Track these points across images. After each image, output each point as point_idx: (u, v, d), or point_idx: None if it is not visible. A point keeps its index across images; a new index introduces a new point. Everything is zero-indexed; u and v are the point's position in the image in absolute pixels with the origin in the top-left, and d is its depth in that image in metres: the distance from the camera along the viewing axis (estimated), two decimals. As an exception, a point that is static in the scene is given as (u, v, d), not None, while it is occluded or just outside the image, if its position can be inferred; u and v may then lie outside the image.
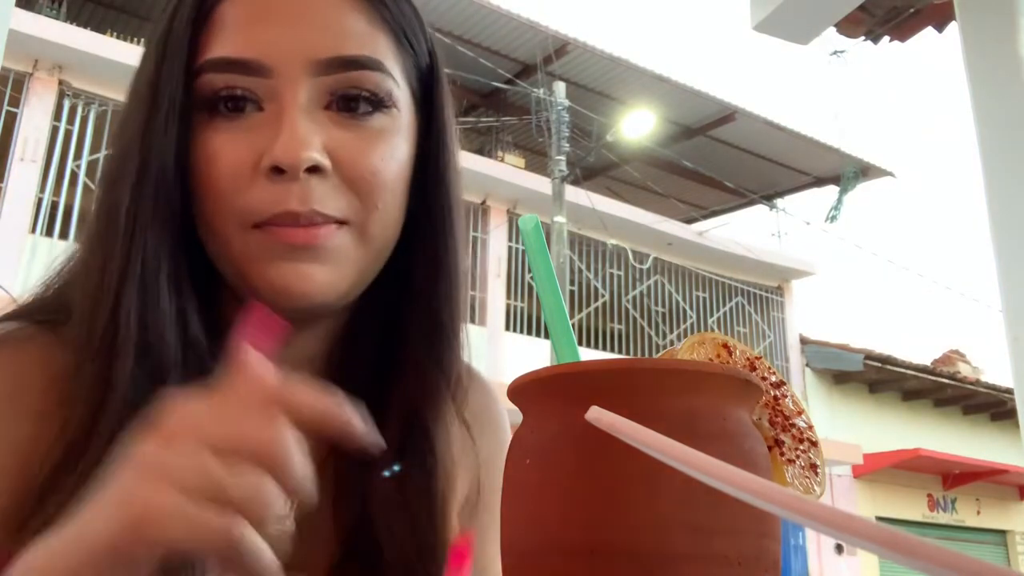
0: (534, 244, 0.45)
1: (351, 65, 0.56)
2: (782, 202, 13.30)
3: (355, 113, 0.57)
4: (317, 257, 0.55)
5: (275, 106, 0.55)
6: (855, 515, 0.20)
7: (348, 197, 0.56)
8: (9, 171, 7.50)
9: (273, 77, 0.55)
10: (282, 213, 0.54)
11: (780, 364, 11.95)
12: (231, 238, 0.56)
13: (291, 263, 0.55)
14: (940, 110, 66.32)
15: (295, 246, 0.55)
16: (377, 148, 0.57)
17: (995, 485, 13.08)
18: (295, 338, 0.62)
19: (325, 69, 0.56)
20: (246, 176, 0.54)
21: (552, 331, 0.44)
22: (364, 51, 0.57)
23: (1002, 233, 1.74)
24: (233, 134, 0.55)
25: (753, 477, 0.23)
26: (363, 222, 0.57)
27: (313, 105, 0.56)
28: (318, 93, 0.56)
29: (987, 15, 1.88)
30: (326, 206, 0.55)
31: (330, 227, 0.55)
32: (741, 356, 0.46)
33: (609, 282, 11.06)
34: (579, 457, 0.35)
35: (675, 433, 0.28)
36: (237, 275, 0.57)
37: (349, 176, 0.56)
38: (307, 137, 0.54)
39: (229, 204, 0.55)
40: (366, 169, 0.56)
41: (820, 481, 0.44)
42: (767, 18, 2.12)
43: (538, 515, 0.36)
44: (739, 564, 0.34)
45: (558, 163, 9.29)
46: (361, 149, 0.56)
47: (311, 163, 0.53)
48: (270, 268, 0.55)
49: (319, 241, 0.55)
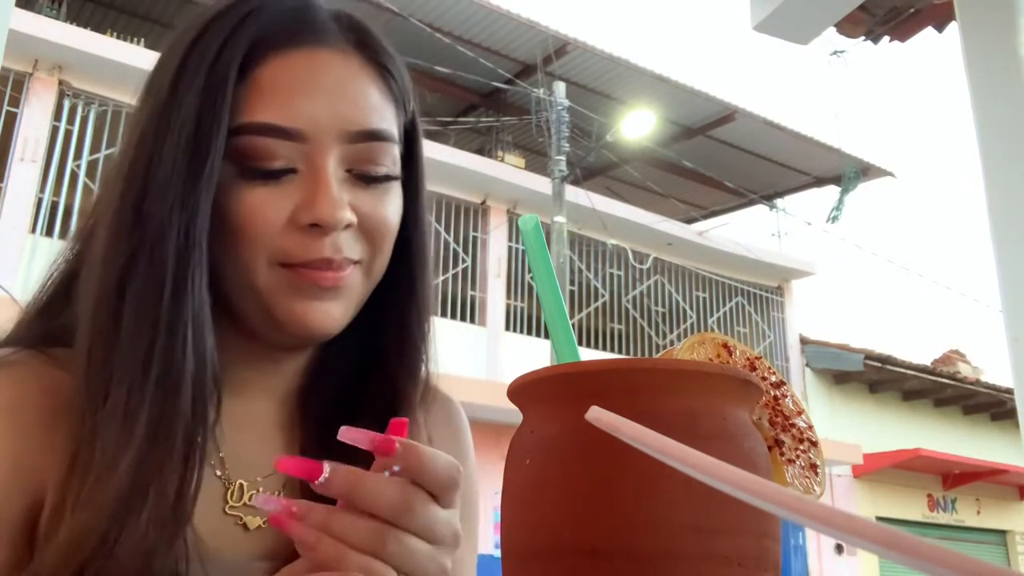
0: (534, 244, 0.45)
1: (373, 136, 0.65)
2: (782, 202, 13.31)
3: (371, 181, 0.66)
4: (337, 296, 0.64)
5: (308, 169, 0.62)
6: (855, 515, 0.20)
7: (363, 244, 0.65)
8: (9, 171, 7.51)
9: (308, 143, 0.62)
10: (318, 260, 0.62)
11: (780, 364, 11.95)
12: (258, 272, 0.62)
13: (316, 301, 0.63)
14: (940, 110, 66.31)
15: (323, 287, 0.63)
16: (387, 206, 0.66)
17: (995, 485, 13.08)
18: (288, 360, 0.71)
19: (353, 139, 0.64)
20: (280, 227, 0.62)
21: (552, 331, 0.44)
22: (382, 124, 0.66)
23: (1002, 233, 1.74)
24: (269, 191, 0.62)
25: (753, 477, 0.23)
26: (370, 263, 0.66)
27: (339, 169, 0.64)
28: (344, 158, 0.64)
29: (987, 15, 1.88)
30: (351, 252, 0.64)
31: (349, 269, 0.64)
32: (741, 356, 0.46)
33: (609, 282, 11.06)
34: (579, 457, 0.35)
35: (675, 433, 0.28)
36: (256, 306, 0.63)
37: (366, 228, 0.65)
38: (341, 199, 0.62)
39: (263, 245, 0.62)
40: (382, 224, 0.66)
41: (820, 481, 0.44)
42: (767, 18, 2.12)
43: (538, 515, 0.36)
44: (739, 564, 0.34)
45: (558, 163, 9.30)
46: (376, 207, 0.65)
47: (347, 223, 0.62)
48: (296, 304, 0.63)
49: (343, 284, 0.64)
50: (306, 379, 0.73)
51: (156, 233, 0.60)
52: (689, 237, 11.58)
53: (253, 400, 0.70)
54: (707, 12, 57.34)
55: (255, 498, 0.58)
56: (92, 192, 7.63)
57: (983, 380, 12.95)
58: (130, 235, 0.60)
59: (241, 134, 0.61)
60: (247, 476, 0.67)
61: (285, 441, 0.70)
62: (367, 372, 0.72)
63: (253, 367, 0.69)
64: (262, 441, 0.70)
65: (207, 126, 0.61)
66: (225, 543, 0.63)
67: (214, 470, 0.65)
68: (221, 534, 0.63)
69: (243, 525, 0.65)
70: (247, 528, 0.65)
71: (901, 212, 59.76)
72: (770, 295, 12.60)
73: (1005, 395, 12.33)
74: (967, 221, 61.68)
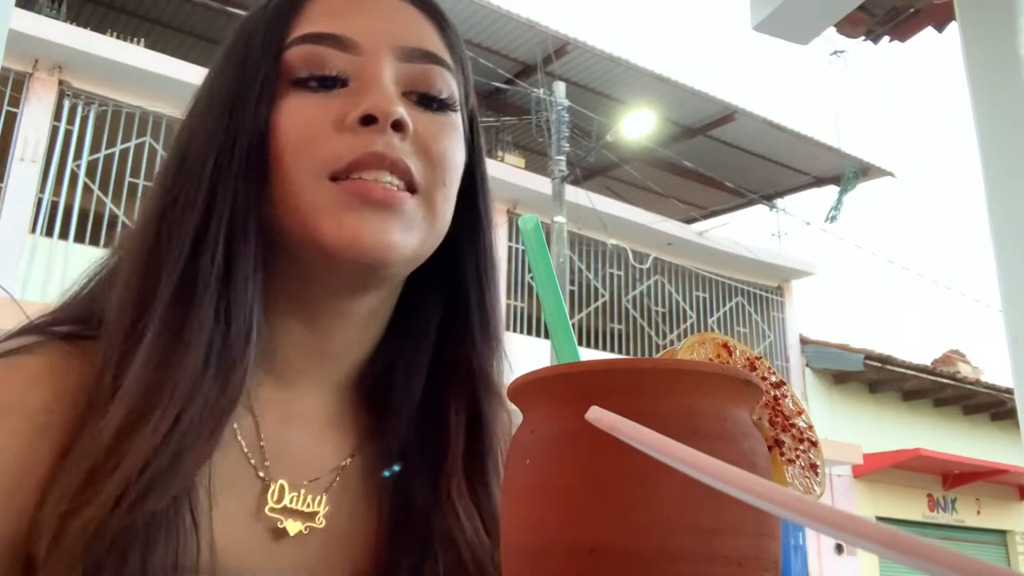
0: (534, 244, 0.45)
1: (430, 58, 0.60)
2: (782, 202, 13.30)
3: (429, 104, 0.60)
4: (391, 217, 0.56)
5: (360, 81, 0.58)
6: (855, 515, 0.20)
7: (422, 164, 0.58)
8: (9, 171, 7.50)
9: (361, 54, 0.58)
10: (368, 155, 0.55)
11: (780, 364, 11.95)
12: (304, 188, 0.56)
13: (369, 216, 0.55)
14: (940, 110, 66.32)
15: (373, 201, 0.55)
16: (448, 135, 0.61)
17: (995, 485, 13.08)
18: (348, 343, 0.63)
19: (409, 56, 0.59)
20: (330, 131, 0.56)
21: (552, 331, 0.44)
22: (440, 51, 0.62)
23: (1002, 233, 1.74)
24: (320, 100, 0.57)
25: (753, 477, 0.23)
26: (431, 193, 0.59)
27: (394, 87, 0.59)
28: (399, 77, 0.59)
29: (987, 15, 1.87)
30: (408, 159, 0.57)
31: (404, 194, 0.57)
32: (741, 356, 0.46)
33: (609, 282, 11.05)
34: (579, 457, 0.35)
35: (675, 433, 0.28)
36: (306, 227, 0.56)
37: (424, 148, 0.59)
38: (396, 98, 0.57)
39: (310, 154, 0.56)
40: (439, 145, 0.59)
41: (820, 481, 0.44)
42: (767, 18, 2.12)
43: (538, 515, 0.36)
44: (739, 564, 0.34)
45: (558, 163, 9.29)
46: (435, 131, 0.60)
47: (399, 116, 0.56)
48: (345, 218, 0.55)
49: (395, 203, 0.56)
50: (367, 369, 0.65)
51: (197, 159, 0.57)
52: (689, 237, 11.58)
53: (305, 392, 0.63)
54: (707, 12, 57.35)
55: None
56: (92, 192, 7.65)
57: (983, 380, 12.95)
58: (175, 176, 0.58)
59: (295, 45, 0.58)
60: (291, 476, 0.60)
61: (338, 439, 0.64)
62: (441, 359, 0.65)
63: (306, 352, 0.62)
64: (312, 438, 0.62)
65: (256, 45, 0.59)
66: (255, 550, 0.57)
67: (256, 470, 0.59)
68: (252, 539, 0.57)
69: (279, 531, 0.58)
70: (287, 534, 0.58)
71: (901, 212, 59.77)
72: (770, 295, 12.60)
73: (1005, 395, 12.33)
74: (967, 221, 61.67)
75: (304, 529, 0.59)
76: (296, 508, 0.59)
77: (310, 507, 0.60)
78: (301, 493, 0.60)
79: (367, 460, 0.64)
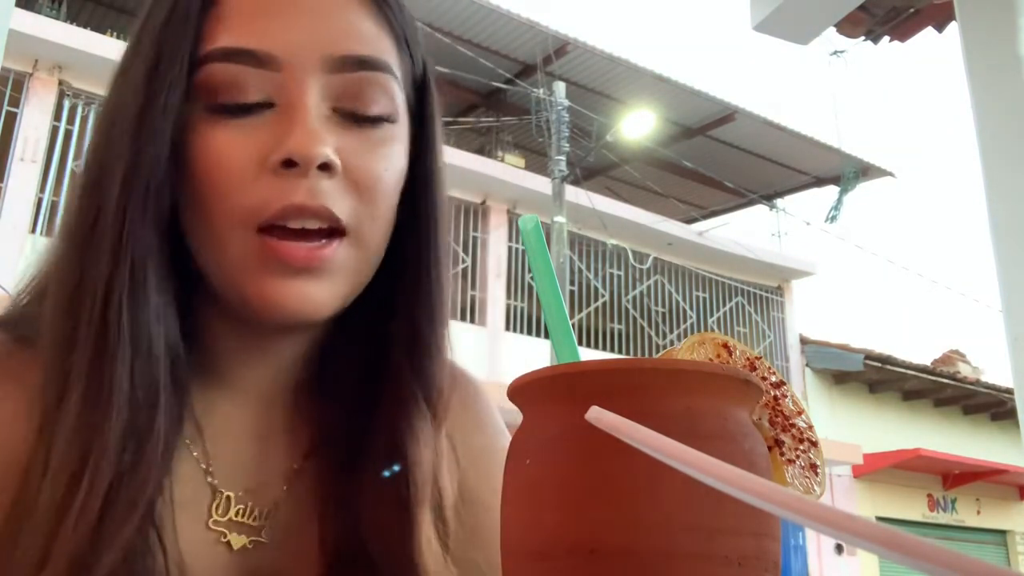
0: (534, 244, 0.45)
1: (362, 65, 0.55)
2: (782, 202, 13.31)
3: (362, 121, 0.55)
4: (316, 278, 0.53)
5: (284, 103, 0.53)
6: (855, 515, 0.20)
7: (351, 201, 0.54)
8: (9, 171, 7.50)
9: (283, 71, 0.53)
10: (290, 206, 0.51)
11: (780, 364, 11.95)
12: (229, 242, 0.52)
13: (293, 280, 0.52)
14: (940, 110, 66.27)
15: (296, 264, 0.52)
16: (381, 156, 0.56)
17: (995, 485, 13.08)
18: (278, 344, 0.60)
19: (337, 67, 0.54)
20: (251, 173, 0.52)
21: (552, 331, 0.44)
22: (374, 52, 0.56)
23: (1002, 233, 1.74)
24: (239, 130, 0.52)
25: (753, 477, 0.23)
26: (361, 229, 0.55)
27: (323, 105, 0.54)
28: (328, 92, 0.54)
29: (987, 15, 1.87)
30: (334, 204, 0.52)
31: (330, 247, 0.53)
32: (741, 356, 0.46)
33: (609, 282, 11.05)
34: (579, 457, 0.35)
35: (675, 433, 0.28)
36: (227, 282, 0.54)
37: (354, 180, 0.54)
38: (322, 134, 0.52)
39: (231, 202, 0.52)
40: (371, 175, 0.55)
41: (820, 481, 0.44)
42: (767, 18, 2.12)
43: (538, 515, 0.36)
44: (739, 564, 0.34)
45: (558, 163, 9.30)
46: (366, 155, 0.55)
47: (324, 159, 0.51)
48: (267, 283, 0.52)
49: (319, 263, 0.53)
50: (307, 372, 0.63)
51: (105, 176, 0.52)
52: (689, 237, 11.58)
53: (249, 399, 0.61)
54: (707, 12, 57.33)
55: None
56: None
57: (983, 380, 12.95)
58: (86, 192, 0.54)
59: (206, 64, 0.52)
60: (235, 487, 0.58)
61: (285, 448, 0.61)
62: (378, 365, 0.61)
63: (245, 359, 0.60)
64: (257, 447, 0.60)
65: (161, 52, 0.53)
66: (207, 561, 0.55)
67: (206, 476, 0.57)
68: (203, 549, 0.56)
69: (225, 544, 0.56)
70: (231, 547, 0.56)
71: (901, 212, 59.75)
72: (770, 295, 12.60)
73: (1005, 395, 12.33)
74: (967, 221, 61.64)
75: (248, 543, 0.57)
76: (241, 521, 0.57)
77: (256, 520, 0.58)
78: (248, 505, 0.58)
79: (316, 465, 0.61)
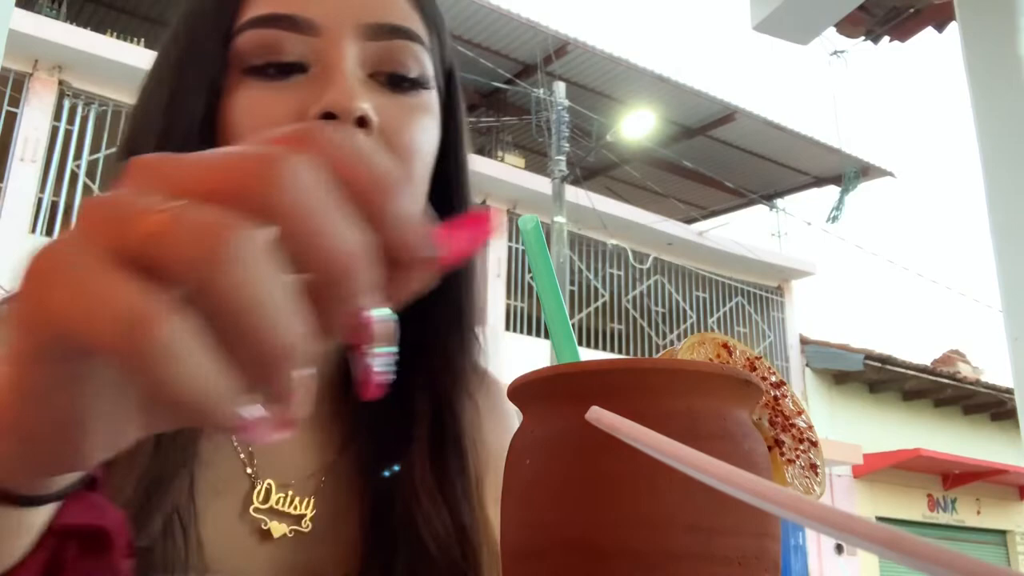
0: (534, 244, 0.45)
1: (397, 33, 0.55)
2: (782, 202, 13.30)
3: (397, 84, 0.56)
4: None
5: (321, 66, 0.53)
6: (855, 515, 0.20)
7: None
8: (9, 171, 7.50)
9: (320, 35, 0.53)
10: None
11: (780, 364, 11.95)
12: None
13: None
14: (940, 110, 66.33)
15: None
16: (416, 120, 0.56)
17: (995, 485, 13.07)
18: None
19: (373, 34, 0.55)
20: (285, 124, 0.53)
21: (552, 331, 0.44)
22: (409, 24, 0.56)
23: (1002, 233, 1.74)
24: (275, 91, 0.53)
25: (753, 477, 0.23)
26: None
27: (359, 70, 0.54)
28: (364, 59, 0.55)
29: (987, 15, 1.88)
30: None
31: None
32: (741, 356, 0.46)
33: (609, 282, 11.05)
34: (579, 457, 0.35)
35: (675, 433, 0.28)
36: None
37: (390, 142, 0.54)
38: (359, 90, 0.52)
39: None
40: (407, 137, 0.55)
41: (820, 481, 0.44)
42: (767, 18, 2.12)
43: (538, 515, 0.36)
44: (739, 564, 0.34)
45: (558, 163, 9.29)
46: (403, 118, 0.55)
47: (362, 112, 0.51)
48: None
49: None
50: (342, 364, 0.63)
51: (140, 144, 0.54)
52: (689, 237, 11.58)
53: None
54: (707, 12, 57.35)
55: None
56: (92, 192, 7.64)
57: (983, 380, 12.94)
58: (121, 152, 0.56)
59: (244, 32, 0.53)
60: (278, 477, 0.58)
61: (325, 438, 0.62)
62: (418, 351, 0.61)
63: None
64: (300, 438, 0.60)
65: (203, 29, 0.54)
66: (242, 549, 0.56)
67: (245, 467, 0.58)
68: (238, 538, 0.56)
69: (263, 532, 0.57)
70: (270, 536, 0.57)
71: (901, 212, 59.80)
72: (770, 295, 12.60)
73: (1005, 395, 12.32)
74: (967, 221, 61.67)
75: (289, 532, 0.57)
76: (282, 510, 0.58)
77: (297, 509, 0.58)
78: (288, 494, 0.58)
79: (352, 458, 0.62)
